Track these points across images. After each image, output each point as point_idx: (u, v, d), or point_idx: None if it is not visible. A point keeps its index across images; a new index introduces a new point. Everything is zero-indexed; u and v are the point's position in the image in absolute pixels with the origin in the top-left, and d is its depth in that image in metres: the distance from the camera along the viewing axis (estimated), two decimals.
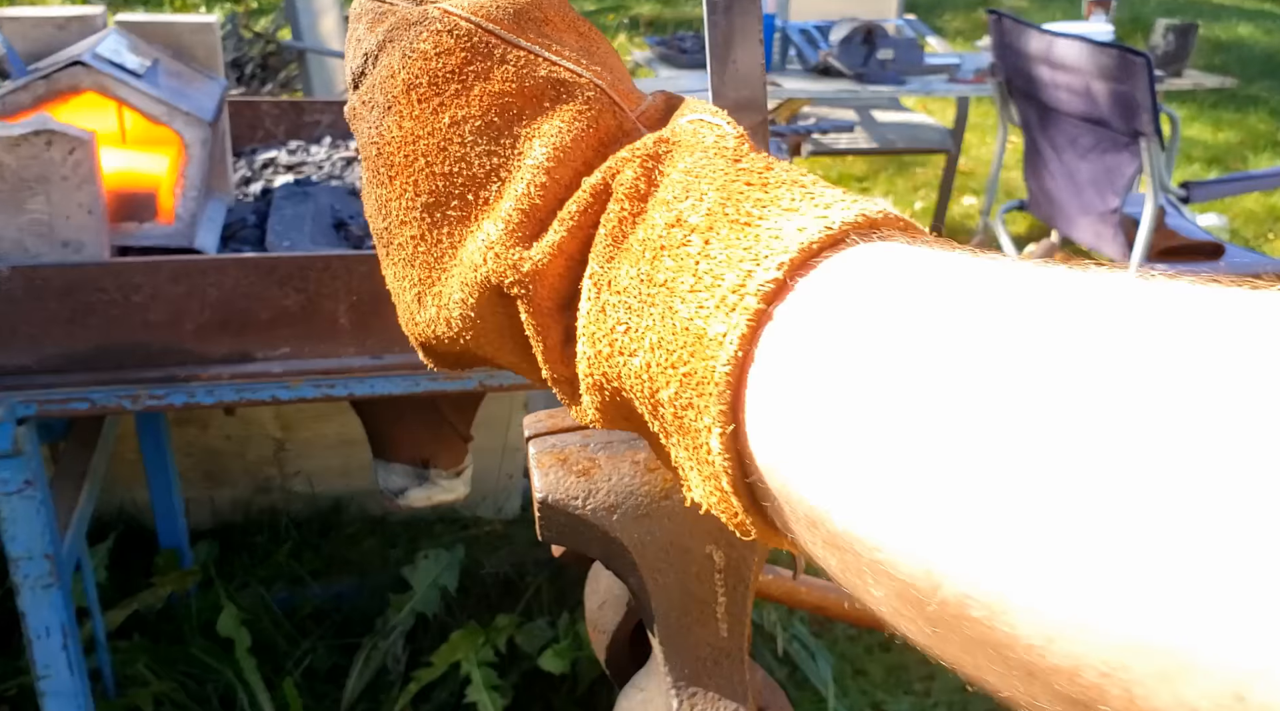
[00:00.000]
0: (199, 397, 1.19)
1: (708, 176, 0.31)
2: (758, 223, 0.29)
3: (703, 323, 0.28)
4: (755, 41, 0.41)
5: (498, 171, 0.35)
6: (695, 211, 0.30)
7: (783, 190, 0.30)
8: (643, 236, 0.32)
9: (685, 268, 0.29)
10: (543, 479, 0.48)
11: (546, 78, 0.36)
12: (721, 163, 0.32)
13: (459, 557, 1.99)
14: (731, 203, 0.30)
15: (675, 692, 0.49)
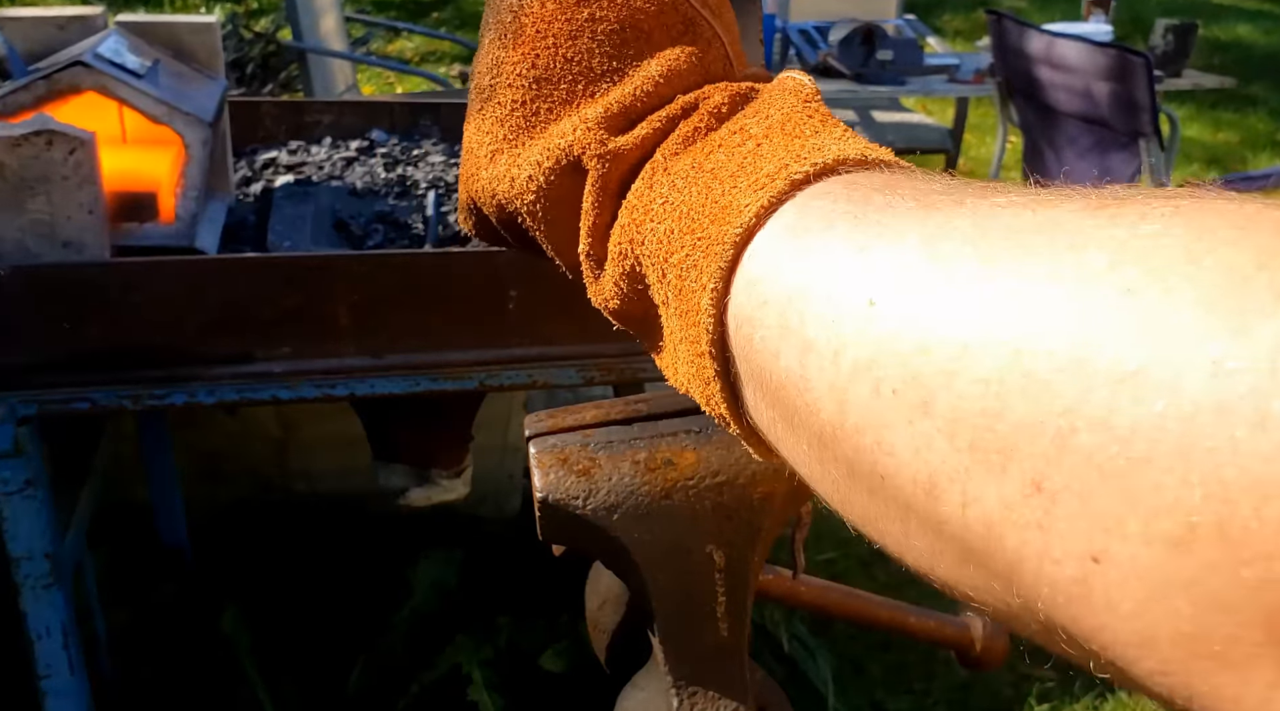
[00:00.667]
0: (200, 397, 1.19)
1: (778, 104, 0.36)
2: (808, 138, 0.33)
3: (731, 198, 0.33)
4: (756, 42, 0.41)
5: (612, 75, 0.39)
6: (758, 124, 0.35)
7: (838, 129, 0.34)
8: (710, 139, 0.36)
9: (734, 159, 0.34)
10: (543, 478, 0.48)
11: (684, 14, 0.39)
12: (793, 99, 0.36)
13: (459, 557, 1.99)
14: (791, 123, 0.35)
15: (675, 691, 0.50)
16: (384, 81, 5.74)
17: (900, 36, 3.60)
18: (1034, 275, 0.24)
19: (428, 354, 1.23)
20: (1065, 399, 0.22)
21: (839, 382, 0.28)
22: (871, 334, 0.27)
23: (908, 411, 0.26)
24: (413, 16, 7.18)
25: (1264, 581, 0.19)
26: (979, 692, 1.97)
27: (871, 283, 0.28)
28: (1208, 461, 0.20)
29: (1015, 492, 0.23)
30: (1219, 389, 0.20)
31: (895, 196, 0.30)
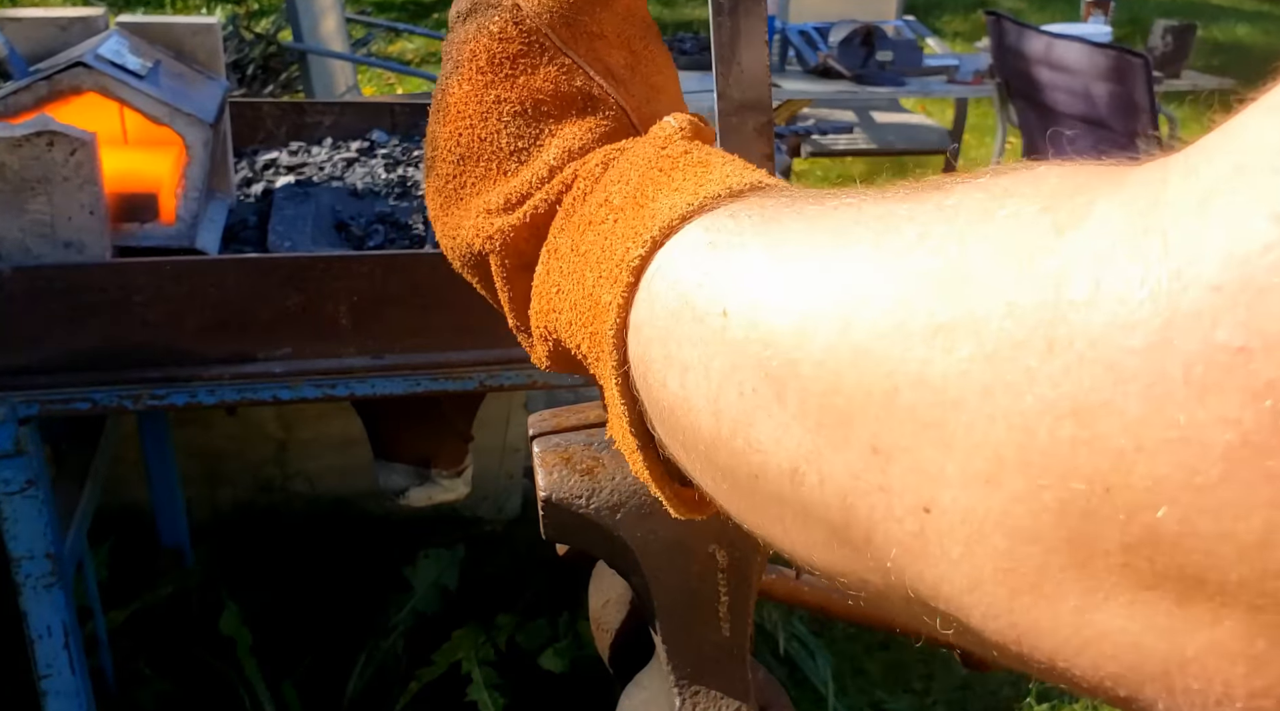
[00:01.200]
0: (200, 398, 1.19)
1: (638, 162, 0.38)
2: (650, 203, 0.35)
3: (599, 291, 0.36)
4: (760, 43, 0.42)
5: (519, 153, 0.42)
6: (620, 193, 0.37)
7: (680, 173, 0.36)
8: (583, 212, 0.38)
9: (599, 241, 0.36)
10: (546, 478, 0.48)
11: (580, 88, 0.42)
12: (651, 150, 0.38)
13: (459, 557, 1.99)
14: (643, 185, 0.36)
15: (678, 691, 0.50)
16: (384, 82, 5.74)
17: (900, 37, 3.61)
18: (856, 256, 0.27)
19: (428, 354, 1.23)
20: (889, 361, 0.24)
21: (711, 393, 0.30)
22: (729, 341, 0.30)
23: (766, 405, 0.28)
24: (413, 18, 7.18)
25: (1063, 502, 0.21)
26: (978, 692, 1.97)
27: (723, 295, 0.30)
28: (1008, 394, 0.21)
29: (858, 460, 0.25)
30: (1013, 326, 0.22)
31: (743, 221, 0.32)
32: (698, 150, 0.38)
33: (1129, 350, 0.20)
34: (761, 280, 0.29)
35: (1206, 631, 0.19)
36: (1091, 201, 0.22)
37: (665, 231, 0.34)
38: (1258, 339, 0.18)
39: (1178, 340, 0.19)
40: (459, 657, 1.75)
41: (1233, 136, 0.21)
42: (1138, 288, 0.20)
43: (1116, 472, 0.20)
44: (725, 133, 0.43)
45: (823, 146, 3.98)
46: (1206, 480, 0.18)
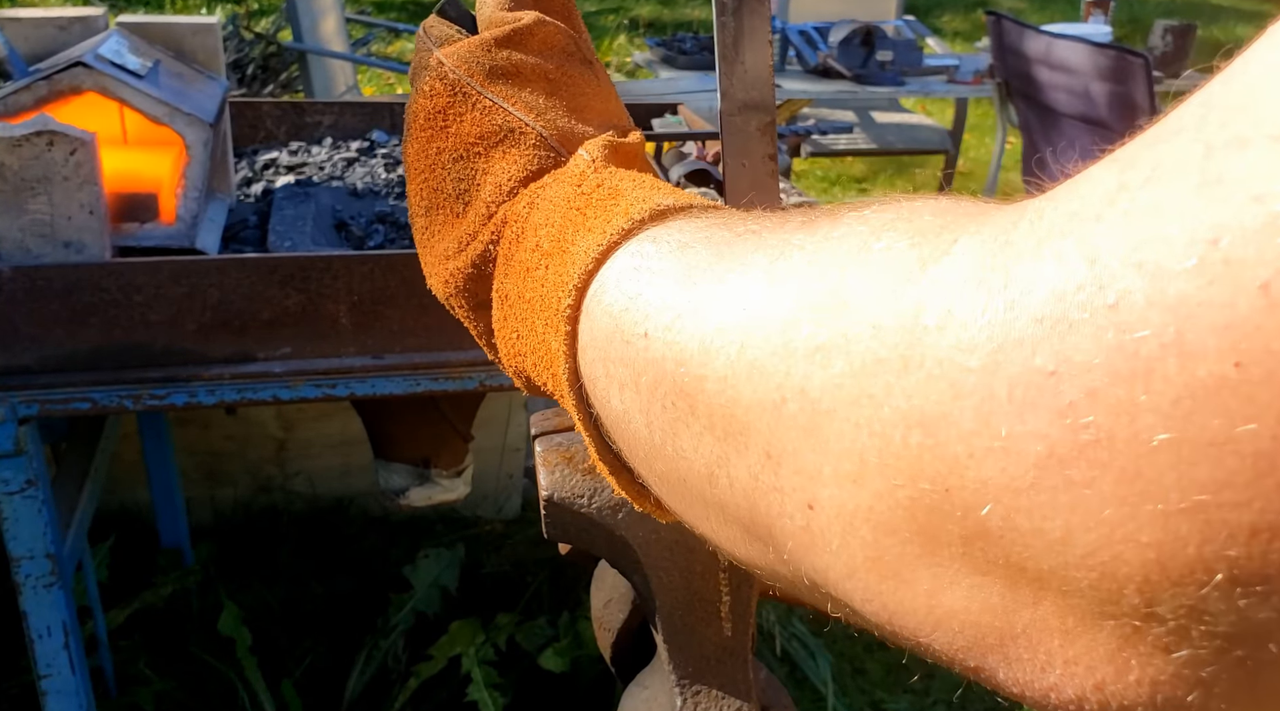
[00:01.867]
0: (200, 398, 1.19)
1: (559, 202, 0.42)
2: (571, 247, 0.39)
3: (549, 338, 0.40)
4: (764, 43, 0.42)
5: (463, 195, 0.47)
6: (548, 236, 0.41)
7: (593, 210, 0.40)
8: (520, 259, 0.42)
9: (539, 290, 0.40)
10: (548, 477, 0.48)
11: (501, 124, 0.46)
12: (569, 189, 0.42)
13: (459, 557, 1.99)
14: (564, 228, 0.40)
15: (679, 690, 0.50)
16: (384, 82, 5.74)
17: (900, 37, 3.60)
18: (753, 281, 0.30)
19: (428, 354, 1.23)
20: (777, 376, 0.28)
21: (643, 406, 0.34)
22: (651, 359, 0.33)
23: (684, 417, 0.32)
24: (413, 18, 7.18)
25: (913, 500, 0.24)
26: (978, 692, 1.97)
27: (644, 318, 0.34)
28: (870, 405, 0.25)
29: (756, 463, 0.29)
30: (877, 346, 0.25)
31: (661, 247, 0.36)
32: (610, 179, 0.41)
33: (967, 370, 0.23)
34: (673, 304, 0.33)
35: (1029, 610, 0.23)
36: (955, 239, 0.25)
37: (585, 277, 0.37)
38: (1065, 365, 0.21)
39: (1005, 363, 0.22)
40: (457, 652, 1.74)
41: (1076, 185, 0.23)
42: (979, 315, 0.23)
43: (953, 475, 0.23)
44: (728, 132, 0.43)
45: (823, 146, 3.98)
46: (1021, 485, 0.21)
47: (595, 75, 0.49)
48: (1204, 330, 0.19)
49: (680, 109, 1.71)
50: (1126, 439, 0.20)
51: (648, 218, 0.38)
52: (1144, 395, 0.20)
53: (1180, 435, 0.19)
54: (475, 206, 0.46)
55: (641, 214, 0.38)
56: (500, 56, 0.46)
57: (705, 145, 1.47)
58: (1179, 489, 0.19)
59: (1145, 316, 0.20)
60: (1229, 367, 0.19)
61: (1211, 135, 0.21)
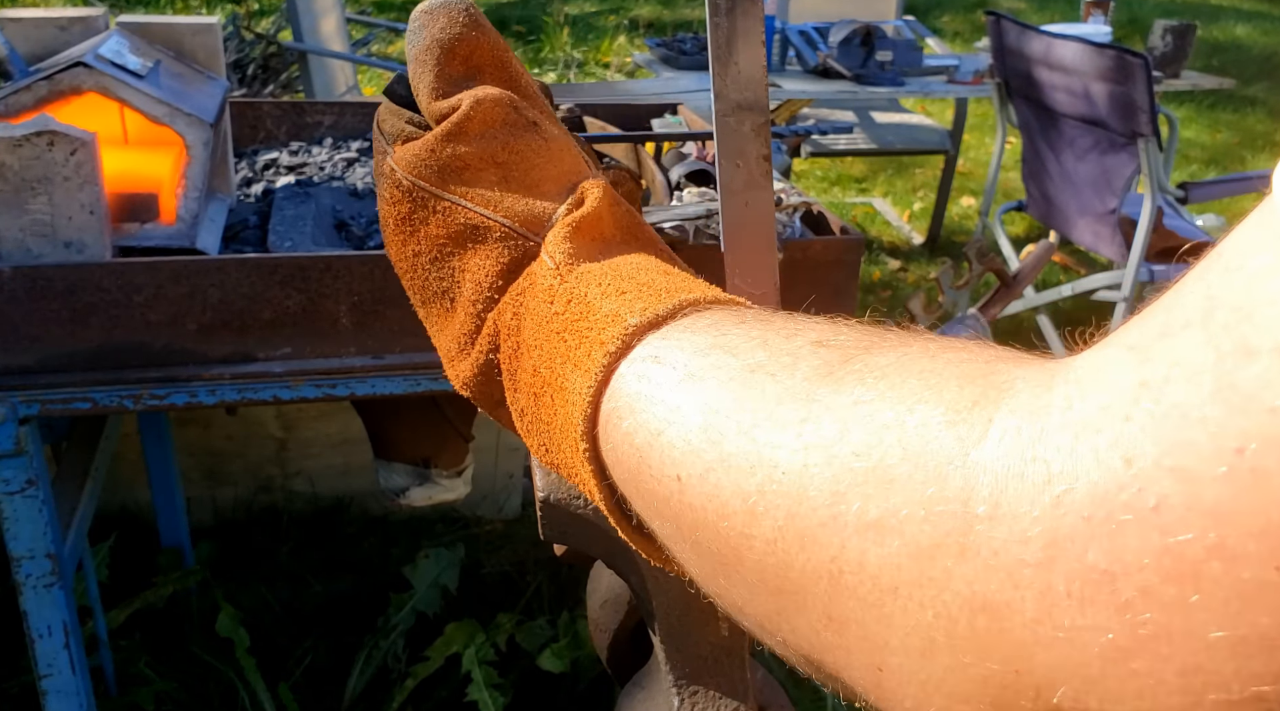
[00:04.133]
0: (200, 397, 1.19)
1: (539, 326, 0.43)
2: (566, 385, 0.40)
3: (576, 469, 0.41)
4: (758, 44, 0.42)
5: (447, 294, 0.48)
6: (542, 362, 0.42)
7: (572, 337, 0.41)
8: (524, 379, 0.44)
9: (552, 418, 0.42)
10: (545, 478, 0.49)
11: (464, 224, 0.47)
12: (543, 308, 0.43)
13: (459, 557, 1.99)
14: (553, 358, 0.41)
15: (676, 691, 0.50)
16: (384, 82, 5.73)
17: (899, 38, 3.60)
18: (786, 446, 0.30)
19: (428, 354, 1.23)
20: (831, 548, 0.28)
21: (684, 538, 0.35)
22: (686, 503, 0.34)
23: (729, 565, 0.33)
24: None
25: (984, 677, 0.25)
26: None
27: (674, 462, 0.34)
28: (932, 587, 0.26)
29: (819, 623, 0.30)
30: (931, 531, 0.26)
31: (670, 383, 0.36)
32: (578, 287, 0.42)
33: (1023, 562, 0.24)
34: (704, 456, 0.33)
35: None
36: (989, 419, 0.26)
37: (588, 422, 0.39)
38: (1118, 564, 0.22)
39: (1060, 559, 0.23)
40: (455, 651, 1.74)
41: (1101, 374, 0.24)
42: (1028, 509, 0.24)
43: (1021, 659, 0.24)
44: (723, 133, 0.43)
45: (823, 146, 3.97)
46: (1089, 673, 0.23)
47: (542, 137, 0.49)
48: (1243, 536, 0.20)
49: (680, 109, 1.71)
50: (1184, 634, 0.21)
51: (621, 347, 0.38)
52: (1195, 595, 0.21)
53: (1234, 632, 0.20)
54: (461, 305, 0.47)
55: (615, 344, 0.38)
56: (446, 154, 0.47)
57: (705, 145, 1.47)
58: (1239, 681, 0.20)
59: (1186, 520, 0.21)
60: (1271, 572, 0.20)
61: (1219, 339, 0.22)
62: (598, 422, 0.39)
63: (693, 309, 0.39)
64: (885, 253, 4.17)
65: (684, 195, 1.36)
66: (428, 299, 0.49)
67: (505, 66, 0.49)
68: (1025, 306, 3.14)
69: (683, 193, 1.37)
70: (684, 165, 1.42)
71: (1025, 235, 4.26)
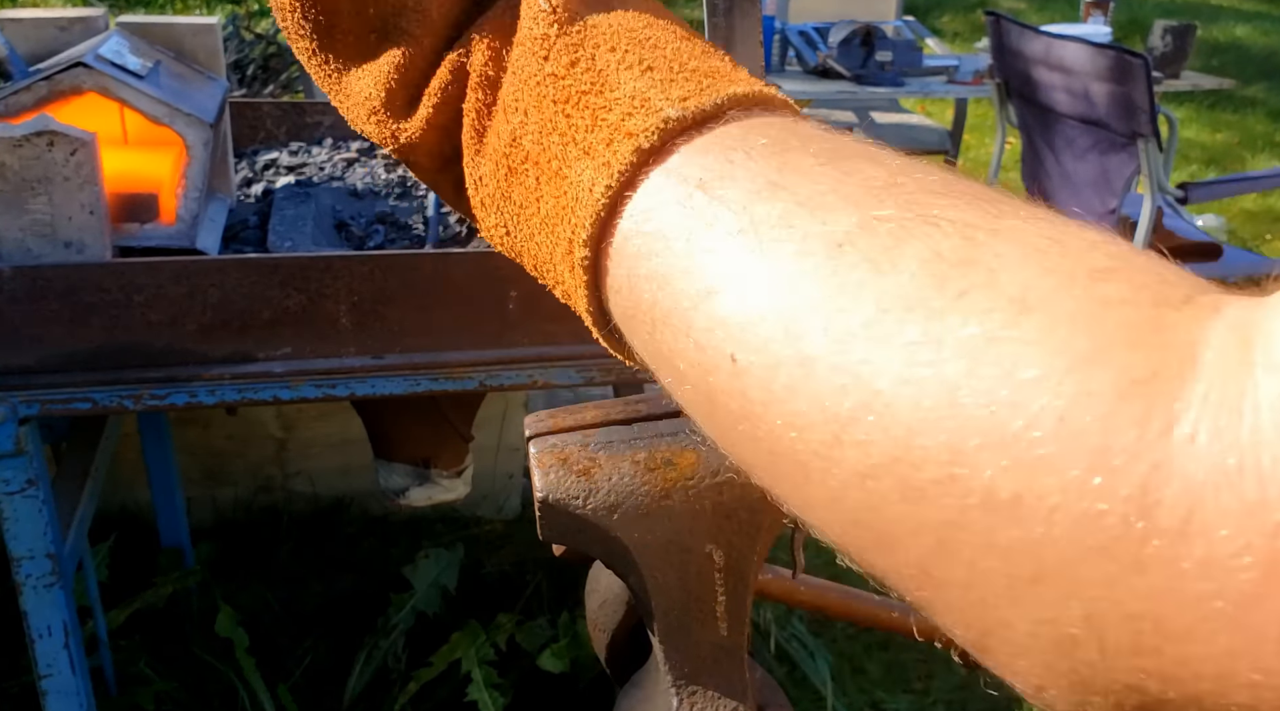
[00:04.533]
0: (200, 398, 1.19)
1: (528, 86, 0.34)
2: (566, 172, 0.33)
3: (559, 267, 0.34)
4: (755, 44, 0.42)
5: (384, 22, 0.37)
6: (526, 132, 0.34)
7: (578, 114, 0.33)
8: (494, 145, 0.35)
9: (531, 203, 0.34)
10: (543, 478, 0.49)
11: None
12: (534, 64, 0.34)
13: (459, 557, 1.99)
14: (547, 132, 0.33)
15: (675, 691, 0.50)
16: None
17: (899, 38, 3.60)
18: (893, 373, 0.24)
19: (428, 354, 1.23)
20: (945, 511, 0.23)
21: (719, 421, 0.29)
22: (740, 393, 0.27)
23: (788, 475, 0.27)
24: None
25: (1129, 686, 0.22)
26: (978, 692, 1.97)
27: (725, 336, 0.28)
28: (1086, 590, 0.21)
29: (907, 571, 0.25)
30: (1093, 528, 0.21)
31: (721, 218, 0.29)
32: (586, 48, 0.34)
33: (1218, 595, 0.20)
34: (774, 346, 0.26)
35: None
36: (1173, 402, 0.21)
37: (598, 225, 0.31)
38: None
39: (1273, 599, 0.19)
40: (458, 656, 1.75)
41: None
42: (1233, 535, 0.19)
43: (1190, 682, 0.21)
44: None
45: None
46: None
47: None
48: None
49: None
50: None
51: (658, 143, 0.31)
52: None
53: None
54: (404, 38, 0.37)
55: (650, 140, 0.31)
56: None
57: None
58: None
59: None
60: None
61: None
62: (610, 234, 0.31)
63: (741, 109, 0.31)
64: None
65: None
66: (336, 32, 0.37)
67: None
68: None
69: None
70: None
71: None
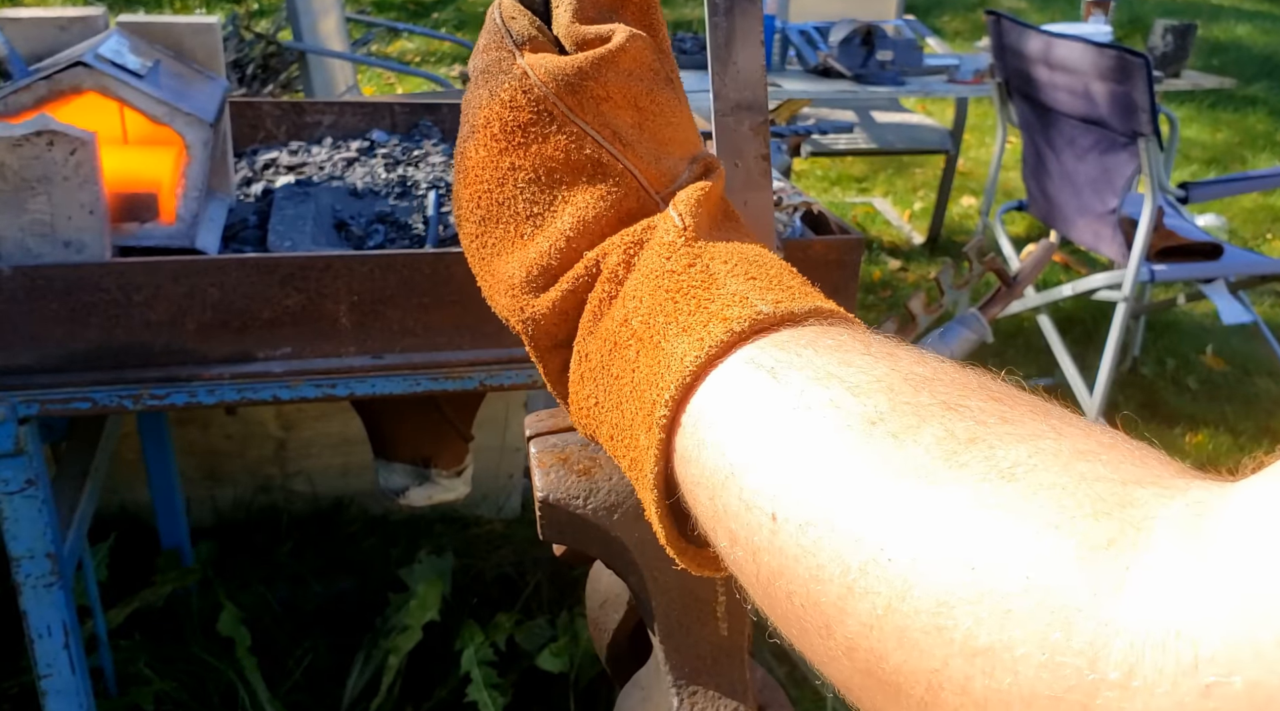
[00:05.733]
0: (200, 397, 1.19)
1: (649, 279, 0.40)
2: (664, 345, 0.38)
3: (636, 430, 0.38)
4: (756, 43, 0.42)
5: (535, 218, 0.44)
6: (637, 314, 0.39)
7: (685, 301, 0.38)
8: (607, 326, 0.41)
9: (627, 372, 0.39)
10: (544, 478, 0.48)
11: (589, 156, 0.43)
12: (657, 262, 0.40)
13: (449, 565, 1.99)
14: (655, 314, 0.39)
15: (676, 691, 0.50)
16: (384, 82, 5.74)
17: (900, 37, 3.60)
18: (898, 531, 0.28)
19: (428, 354, 1.23)
20: (932, 660, 0.26)
21: (759, 577, 0.33)
22: (777, 547, 0.31)
23: (816, 628, 0.31)
24: (413, 17, 7.18)
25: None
26: None
27: (768, 497, 0.32)
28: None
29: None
30: (1050, 680, 0.23)
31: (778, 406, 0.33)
32: (703, 257, 0.39)
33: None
34: (808, 505, 0.31)
35: None
36: (1126, 566, 0.23)
37: (682, 390, 0.36)
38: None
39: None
40: (456, 649, 1.74)
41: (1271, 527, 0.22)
42: (1169, 691, 0.21)
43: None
44: (721, 133, 0.43)
45: (823, 146, 3.97)
46: None
47: (677, 96, 0.46)
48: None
49: None
50: None
51: (748, 330, 0.36)
52: None
53: None
54: (550, 235, 0.43)
55: (741, 325, 0.36)
56: (592, 79, 0.43)
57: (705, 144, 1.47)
58: None
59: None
60: None
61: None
62: (689, 400, 0.36)
63: (820, 318, 0.37)
64: (885, 252, 4.17)
65: None
66: (499, 214, 0.44)
67: (649, 11, 0.46)
68: (1025, 306, 3.14)
69: None
70: None
71: (1025, 235, 4.26)
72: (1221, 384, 3.28)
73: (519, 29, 0.44)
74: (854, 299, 1.33)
